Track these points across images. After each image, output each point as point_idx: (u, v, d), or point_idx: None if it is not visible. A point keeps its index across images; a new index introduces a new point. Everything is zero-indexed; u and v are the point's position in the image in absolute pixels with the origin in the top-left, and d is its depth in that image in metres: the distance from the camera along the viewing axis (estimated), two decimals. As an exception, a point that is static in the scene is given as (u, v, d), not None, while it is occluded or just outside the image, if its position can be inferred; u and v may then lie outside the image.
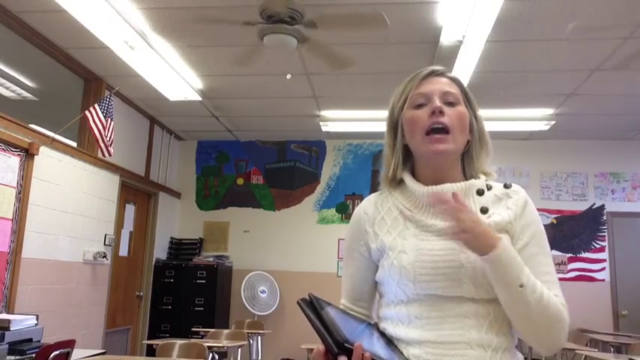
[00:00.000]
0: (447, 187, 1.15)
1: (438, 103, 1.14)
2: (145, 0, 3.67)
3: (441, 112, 1.13)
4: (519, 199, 1.16)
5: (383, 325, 1.16)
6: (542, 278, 1.09)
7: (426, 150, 1.14)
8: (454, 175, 1.18)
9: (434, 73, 1.20)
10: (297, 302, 0.97)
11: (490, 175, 1.20)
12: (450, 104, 1.15)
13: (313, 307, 0.95)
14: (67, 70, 4.85)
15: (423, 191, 1.16)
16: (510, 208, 1.14)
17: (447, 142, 1.13)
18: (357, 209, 1.26)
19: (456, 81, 1.21)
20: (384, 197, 1.23)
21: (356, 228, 1.24)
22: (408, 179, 1.20)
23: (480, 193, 1.17)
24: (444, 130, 1.13)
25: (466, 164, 1.21)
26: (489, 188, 1.18)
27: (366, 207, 1.24)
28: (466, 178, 1.19)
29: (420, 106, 1.16)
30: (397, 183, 1.23)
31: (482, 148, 1.21)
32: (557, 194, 6.67)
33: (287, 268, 6.82)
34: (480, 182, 1.18)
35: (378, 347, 1.02)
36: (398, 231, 1.16)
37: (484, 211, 1.14)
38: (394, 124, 1.23)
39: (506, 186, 1.18)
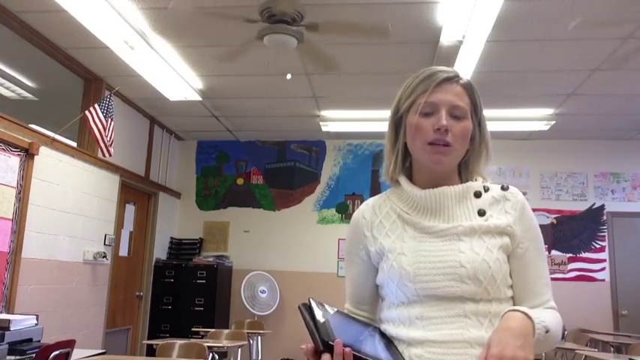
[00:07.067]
0: (445, 190, 1.16)
1: (444, 120, 1.12)
2: (145, 0, 3.67)
3: (446, 131, 1.12)
4: (517, 203, 1.16)
5: (384, 327, 1.17)
6: (541, 281, 1.14)
7: (426, 159, 1.15)
8: (451, 178, 1.19)
9: (447, 80, 1.16)
10: (299, 307, 1.02)
11: (485, 180, 1.21)
12: (456, 117, 1.14)
13: (311, 310, 1.00)
14: (67, 70, 4.85)
15: (421, 194, 1.16)
16: (509, 212, 1.15)
17: (448, 154, 1.13)
18: (355, 214, 1.27)
19: (468, 89, 1.18)
20: (382, 201, 1.24)
21: (355, 233, 1.25)
22: (404, 182, 1.20)
23: (478, 195, 1.17)
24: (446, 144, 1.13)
25: (462, 169, 1.22)
26: (487, 190, 1.19)
27: (364, 211, 1.25)
28: (462, 181, 1.20)
29: (426, 114, 1.14)
30: (394, 184, 1.24)
31: (481, 156, 1.21)
32: (557, 194, 6.67)
33: (287, 268, 6.82)
34: (477, 184, 1.19)
35: (380, 350, 1.03)
36: (396, 234, 1.17)
37: (481, 213, 1.15)
38: (397, 121, 1.22)
39: (503, 188, 1.19)
